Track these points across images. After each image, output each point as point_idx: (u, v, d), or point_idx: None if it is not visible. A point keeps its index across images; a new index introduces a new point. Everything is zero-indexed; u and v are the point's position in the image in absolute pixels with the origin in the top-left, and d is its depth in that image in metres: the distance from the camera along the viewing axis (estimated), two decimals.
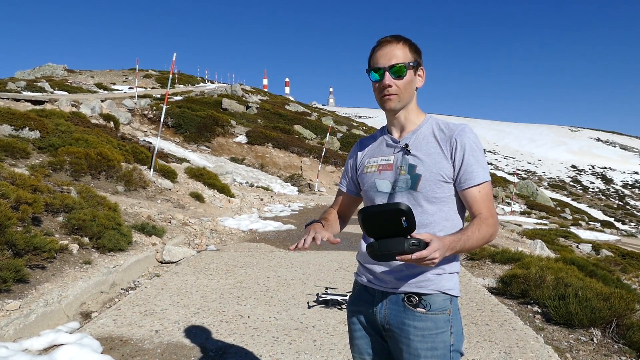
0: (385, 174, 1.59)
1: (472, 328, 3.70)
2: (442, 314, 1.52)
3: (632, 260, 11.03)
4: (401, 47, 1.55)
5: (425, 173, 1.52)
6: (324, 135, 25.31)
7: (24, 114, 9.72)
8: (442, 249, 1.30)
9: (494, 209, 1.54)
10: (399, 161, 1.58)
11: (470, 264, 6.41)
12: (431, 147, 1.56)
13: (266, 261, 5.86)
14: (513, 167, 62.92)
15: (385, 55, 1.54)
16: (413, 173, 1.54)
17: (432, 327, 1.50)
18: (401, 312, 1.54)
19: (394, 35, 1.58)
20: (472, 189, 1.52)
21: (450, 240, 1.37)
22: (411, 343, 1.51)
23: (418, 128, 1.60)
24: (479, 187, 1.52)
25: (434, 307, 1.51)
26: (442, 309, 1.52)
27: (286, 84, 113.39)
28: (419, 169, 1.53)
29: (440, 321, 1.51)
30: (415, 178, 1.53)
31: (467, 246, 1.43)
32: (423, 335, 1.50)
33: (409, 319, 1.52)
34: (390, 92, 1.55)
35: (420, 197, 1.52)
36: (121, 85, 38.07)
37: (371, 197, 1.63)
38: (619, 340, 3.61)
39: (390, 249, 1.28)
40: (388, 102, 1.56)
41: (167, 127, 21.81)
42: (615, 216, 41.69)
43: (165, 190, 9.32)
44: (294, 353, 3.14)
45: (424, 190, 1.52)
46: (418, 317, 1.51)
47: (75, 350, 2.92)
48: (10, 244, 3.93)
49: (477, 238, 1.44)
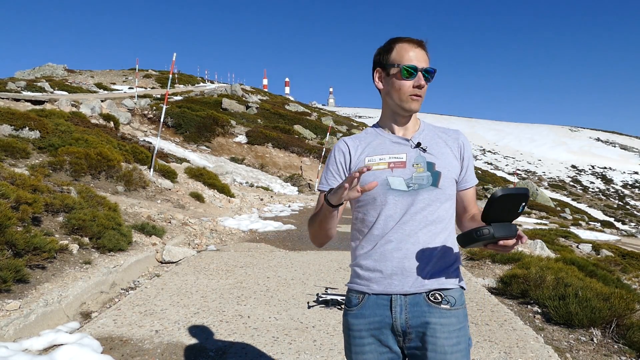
0: (397, 171, 1.55)
1: (472, 328, 3.70)
2: (462, 309, 1.56)
3: (632, 260, 11.02)
4: (427, 53, 1.59)
5: (444, 170, 1.57)
6: (323, 135, 25.31)
7: (24, 114, 9.72)
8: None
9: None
10: (415, 158, 1.56)
11: (470, 264, 6.41)
12: (441, 147, 1.62)
13: (266, 261, 5.86)
14: (513, 167, 62.93)
15: (420, 57, 1.56)
16: (433, 170, 1.55)
17: (455, 322, 1.52)
18: (425, 312, 1.50)
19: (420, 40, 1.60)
20: (472, 189, 1.67)
21: None
22: (437, 341, 1.48)
23: (422, 129, 1.65)
24: (473, 187, 1.68)
25: (456, 302, 1.54)
26: (461, 304, 1.56)
27: (286, 84, 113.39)
28: (438, 166, 1.57)
29: (461, 316, 1.55)
30: (436, 175, 1.55)
31: None
32: (450, 332, 1.50)
33: (434, 316, 1.50)
34: (419, 93, 1.57)
35: (441, 193, 1.56)
36: (121, 85, 38.07)
37: (380, 195, 1.54)
38: (619, 340, 3.61)
39: (507, 232, 1.33)
40: (415, 103, 1.57)
41: (167, 127, 21.82)
42: (615, 216, 41.70)
43: (165, 190, 9.32)
44: (294, 353, 3.14)
45: (444, 187, 1.56)
46: (444, 314, 1.51)
47: (75, 350, 2.92)
48: (10, 244, 3.92)
49: None
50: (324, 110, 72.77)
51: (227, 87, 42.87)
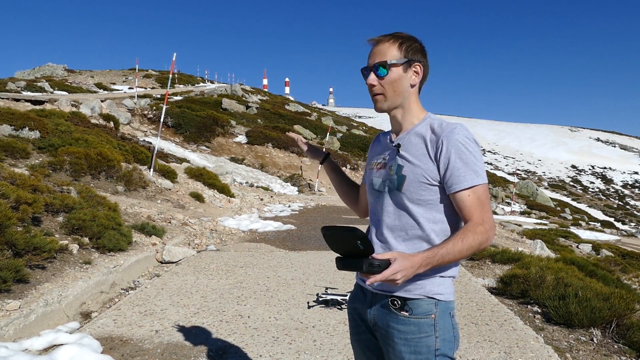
0: (379, 172, 1.60)
1: (472, 328, 3.70)
2: (426, 318, 1.49)
3: (632, 260, 11.03)
4: (389, 45, 1.52)
5: (409, 174, 1.50)
6: (324, 135, 25.31)
7: (24, 114, 9.72)
8: (406, 270, 1.32)
9: (488, 214, 1.45)
10: (390, 161, 1.57)
11: (470, 264, 6.41)
12: (419, 147, 1.51)
13: (266, 261, 5.86)
14: (513, 167, 62.92)
15: (372, 55, 1.54)
16: (400, 174, 1.52)
17: (415, 330, 1.49)
18: (387, 315, 1.53)
19: (388, 34, 1.56)
20: (460, 193, 1.45)
21: (423, 257, 1.37)
22: (395, 346, 1.51)
23: (413, 128, 1.56)
24: (468, 191, 1.44)
25: (416, 311, 1.49)
26: (425, 314, 1.49)
27: (286, 84, 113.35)
28: (405, 169, 1.51)
29: (424, 325, 1.49)
30: (400, 179, 1.51)
31: (448, 259, 1.40)
32: (406, 339, 1.49)
33: (393, 321, 1.52)
34: (374, 91, 1.54)
35: (405, 198, 1.51)
36: (121, 85, 38.07)
37: (368, 194, 1.67)
38: (619, 340, 3.61)
39: (350, 268, 1.33)
40: (375, 103, 1.56)
41: (167, 127, 21.81)
42: (615, 216, 41.69)
43: (165, 190, 9.32)
44: (294, 353, 3.14)
45: (408, 192, 1.50)
46: (402, 321, 1.50)
47: (75, 350, 2.92)
48: (10, 244, 3.93)
49: (459, 250, 1.40)
50: (324, 110, 72.77)
51: (227, 87, 42.87)
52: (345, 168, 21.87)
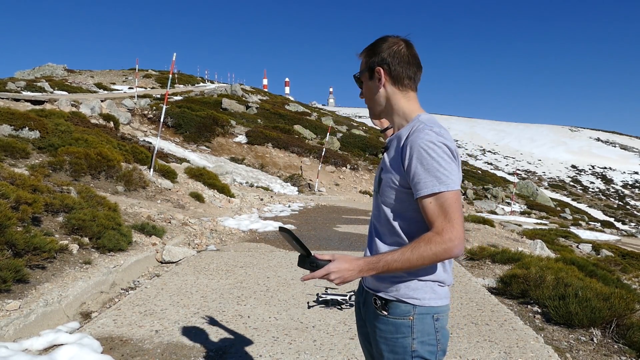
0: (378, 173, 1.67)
1: (472, 328, 3.71)
2: (403, 319, 1.50)
3: (632, 260, 11.02)
4: (361, 57, 1.61)
5: (385, 178, 1.53)
6: (324, 135, 25.31)
7: (24, 114, 9.72)
8: (341, 272, 1.40)
9: (450, 224, 1.37)
10: (381, 162, 1.63)
11: (470, 264, 6.42)
12: (393, 150, 1.52)
13: (266, 261, 5.86)
14: (513, 167, 62.93)
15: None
16: (379, 176, 1.57)
17: (392, 330, 1.52)
18: (372, 313, 1.59)
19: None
20: (422, 201, 1.40)
21: (366, 262, 1.42)
22: (377, 343, 1.56)
23: (400, 131, 1.54)
24: (430, 198, 1.38)
25: (394, 312, 1.52)
26: (403, 314, 1.50)
27: (286, 84, 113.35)
28: (382, 173, 1.55)
29: (401, 326, 1.50)
30: (378, 182, 1.57)
31: (395, 267, 1.40)
32: (385, 338, 1.53)
33: (376, 319, 1.57)
34: (365, 103, 1.64)
35: (381, 200, 1.55)
36: (121, 85, 38.07)
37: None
38: (619, 340, 3.61)
39: (300, 265, 1.47)
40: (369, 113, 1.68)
41: (167, 127, 21.81)
42: (615, 216, 41.69)
43: (165, 190, 9.32)
44: (294, 353, 3.14)
45: (384, 195, 1.54)
46: (382, 320, 1.54)
47: (75, 350, 2.93)
48: (10, 244, 3.93)
49: (407, 258, 1.38)
50: (324, 110, 72.73)
51: (227, 87, 42.88)
52: (345, 168, 21.87)
